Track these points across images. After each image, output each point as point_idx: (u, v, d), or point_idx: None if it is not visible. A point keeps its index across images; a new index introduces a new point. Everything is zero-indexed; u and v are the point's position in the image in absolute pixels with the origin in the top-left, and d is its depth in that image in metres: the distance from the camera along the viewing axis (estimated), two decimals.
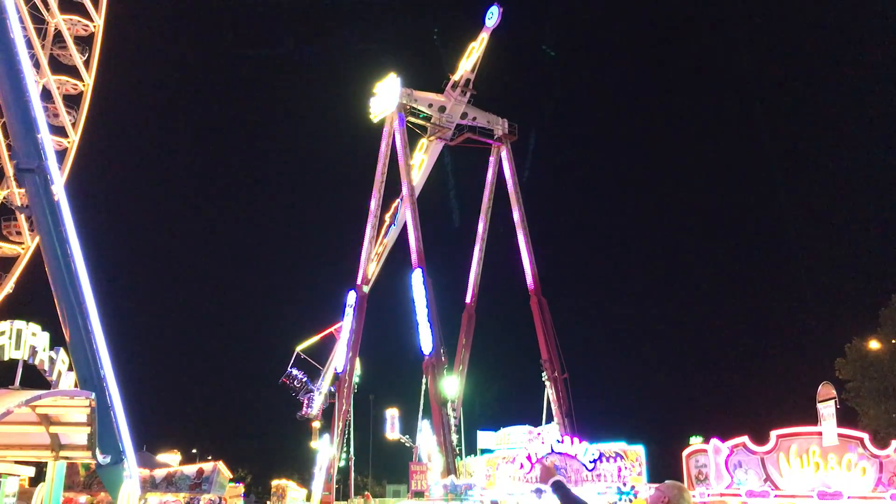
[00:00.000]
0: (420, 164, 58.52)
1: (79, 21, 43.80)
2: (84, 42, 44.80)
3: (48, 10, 41.72)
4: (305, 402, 60.45)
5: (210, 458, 46.63)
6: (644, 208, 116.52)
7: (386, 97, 57.12)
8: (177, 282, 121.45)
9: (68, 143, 45.09)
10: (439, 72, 58.40)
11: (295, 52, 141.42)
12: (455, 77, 57.34)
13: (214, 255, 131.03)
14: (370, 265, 58.71)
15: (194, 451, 68.32)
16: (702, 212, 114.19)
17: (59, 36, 43.63)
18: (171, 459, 39.98)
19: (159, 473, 30.11)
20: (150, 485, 28.53)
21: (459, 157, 60.00)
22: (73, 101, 44.77)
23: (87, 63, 44.74)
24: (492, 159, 60.59)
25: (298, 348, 60.23)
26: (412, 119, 57.21)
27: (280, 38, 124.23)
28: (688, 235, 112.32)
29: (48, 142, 23.35)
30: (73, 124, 44.47)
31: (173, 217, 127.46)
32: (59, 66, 44.10)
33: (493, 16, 56.75)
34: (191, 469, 31.02)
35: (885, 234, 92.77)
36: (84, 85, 44.61)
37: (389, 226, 57.84)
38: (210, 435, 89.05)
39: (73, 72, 44.45)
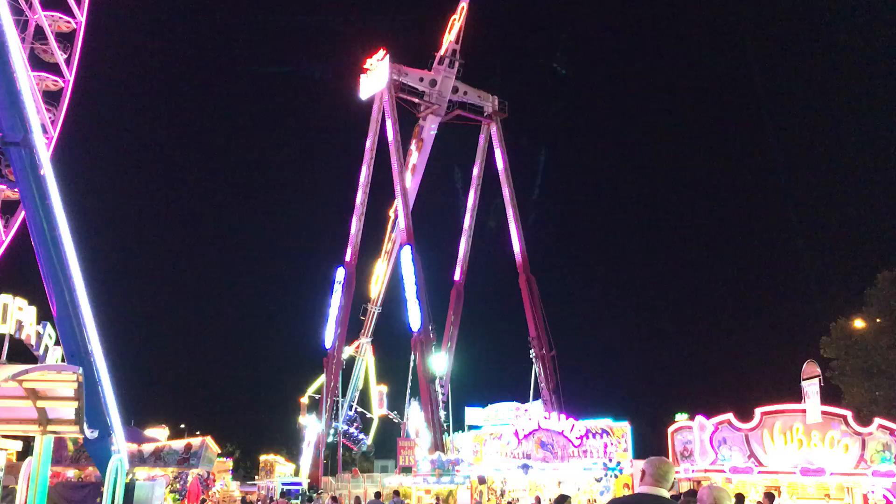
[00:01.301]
0: (419, 146, 58.12)
1: (60, 17, 43.25)
2: (66, 39, 44.29)
3: (30, 6, 41.11)
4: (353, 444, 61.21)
5: (198, 433, 46.64)
6: (632, 186, 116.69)
7: (375, 74, 56.78)
8: (164, 256, 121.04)
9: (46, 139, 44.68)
10: (427, 52, 58.18)
11: (283, 30, 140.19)
12: (441, 52, 57.16)
13: (202, 230, 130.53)
14: (377, 277, 58.82)
15: (182, 426, 68.36)
16: (689, 190, 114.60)
17: (40, 32, 43.10)
18: (159, 434, 39.97)
19: (147, 448, 30.14)
20: (137, 459, 28.57)
21: (449, 133, 59.80)
22: (53, 98, 44.35)
23: (68, 60, 44.25)
24: (482, 136, 60.48)
25: (348, 406, 59.96)
26: (403, 96, 56.92)
27: (267, 17, 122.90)
28: (675, 215, 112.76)
29: (34, 114, 23.11)
30: (53, 122, 44.12)
31: (160, 193, 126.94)
32: (39, 63, 43.61)
33: None
34: (179, 444, 31.06)
35: (871, 215, 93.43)
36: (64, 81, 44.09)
37: (396, 220, 57.14)
38: (198, 410, 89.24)
39: (54, 69, 44.02)
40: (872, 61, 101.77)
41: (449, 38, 57.15)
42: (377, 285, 59.03)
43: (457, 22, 56.98)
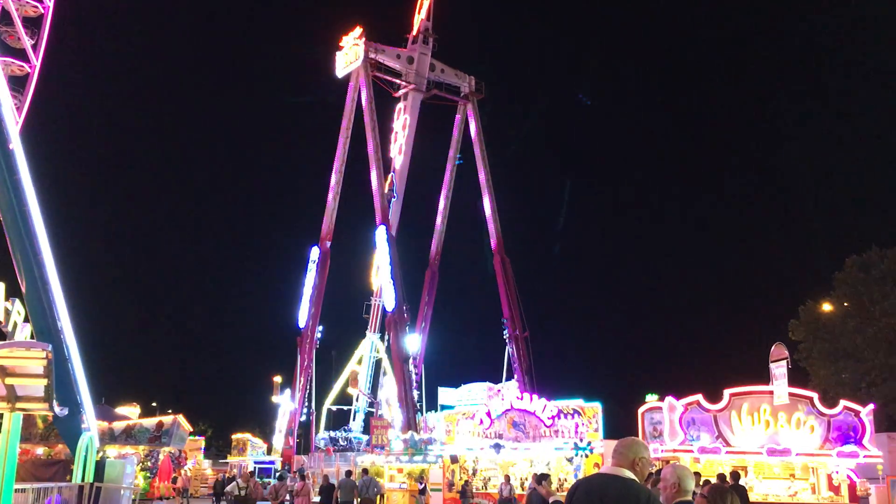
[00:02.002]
0: (403, 125, 57.52)
1: (28, 2, 42.34)
2: (33, 24, 43.37)
3: None
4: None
5: (170, 411, 46.48)
6: (607, 168, 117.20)
7: (352, 52, 56.35)
8: (137, 232, 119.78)
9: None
10: (403, 32, 57.98)
11: (258, 5, 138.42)
12: (414, 31, 57.10)
13: (176, 207, 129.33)
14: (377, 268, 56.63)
15: (154, 404, 68.15)
16: (663, 174, 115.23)
17: (6, 16, 42.19)
18: (130, 412, 39.75)
19: (118, 426, 29.91)
20: (108, 437, 28.36)
21: (426, 113, 59.57)
22: (19, 83, 43.49)
23: (35, 46, 43.37)
24: (458, 117, 60.37)
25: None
26: (380, 75, 56.58)
27: None
28: (646, 199, 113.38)
29: (3, 89, 22.63)
30: (18, 108, 43.35)
31: (133, 170, 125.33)
32: (5, 48, 42.71)
33: None
34: (150, 422, 30.87)
35: (841, 199, 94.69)
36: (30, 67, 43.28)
37: (390, 200, 56.07)
38: (171, 388, 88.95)
39: (20, 54, 43.18)
40: (824, 48, 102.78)
41: (420, 17, 57.02)
42: (378, 277, 56.31)
43: (424, 4, 57.00)
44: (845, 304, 47.62)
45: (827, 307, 48.24)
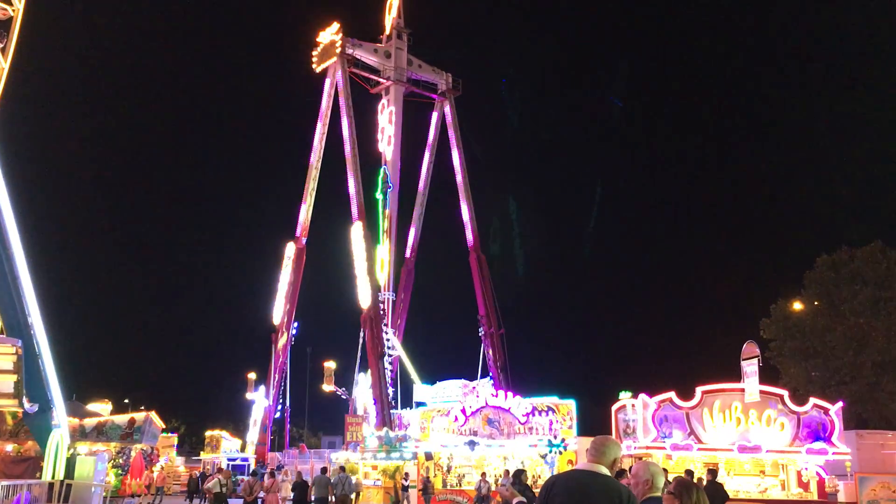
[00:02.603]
0: (389, 117, 57.05)
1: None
2: (2, 27, 42.68)
3: None
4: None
5: (143, 408, 46.10)
6: (582, 165, 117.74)
7: (329, 47, 56.14)
8: (109, 226, 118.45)
9: None
10: (378, 32, 57.97)
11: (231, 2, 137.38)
12: (387, 31, 57.20)
13: (149, 201, 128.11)
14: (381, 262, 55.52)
15: (126, 400, 67.51)
16: (637, 172, 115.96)
17: None
18: (102, 409, 39.41)
19: (89, 423, 29.74)
20: (79, 434, 28.18)
21: (402, 110, 59.37)
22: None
23: (3, 49, 42.72)
24: (435, 114, 60.38)
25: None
26: (358, 71, 56.38)
27: None
28: (622, 197, 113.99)
29: None
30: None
31: (106, 164, 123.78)
32: None
33: None
34: (122, 419, 30.73)
35: (812, 199, 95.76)
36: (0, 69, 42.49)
37: (386, 191, 55.30)
38: (143, 384, 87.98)
39: None
40: (793, 47, 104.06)
41: (391, 16, 57.11)
42: (383, 271, 55.12)
43: (394, 4, 57.13)
44: (815, 303, 48.27)
45: (798, 306, 48.87)
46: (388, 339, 52.78)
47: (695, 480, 12.44)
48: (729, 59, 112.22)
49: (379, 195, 54.91)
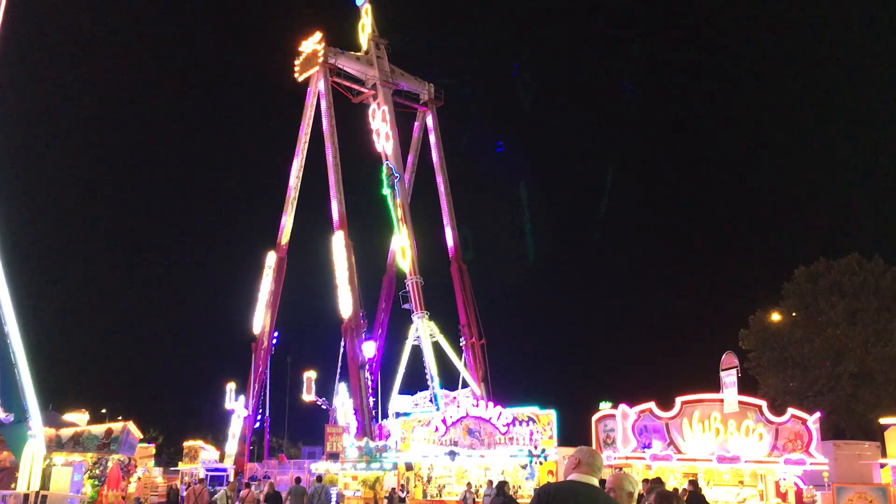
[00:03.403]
0: (384, 117, 56.60)
1: None
2: None
3: None
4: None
5: (120, 417, 45.58)
6: (564, 175, 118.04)
7: (311, 56, 56.19)
8: (86, 233, 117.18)
9: None
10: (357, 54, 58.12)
11: (218, 10, 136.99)
12: (365, 47, 57.31)
13: (128, 208, 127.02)
14: (402, 249, 54.01)
15: (104, 410, 66.78)
16: (619, 182, 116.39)
17: None
18: (78, 419, 38.95)
19: (66, 433, 29.35)
20: (55, 444, 27.79)
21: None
22: None
23: None
24: (417, 124, 60.49)
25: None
26: (341, 81, 56.36)
27: None
28: (600, 207, 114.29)
29: None
30: None
31: (85, 171, 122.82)
32: None
33: None
34: (99, 429, 30.35)
35: (790, 211, 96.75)
36: None
37: (393, 183, 54.53)
38: (121, 394, 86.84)
39: None
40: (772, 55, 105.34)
41: (366, 34, 57.23)
42: (405, 259, 52.79)
43: (366, 24, 57.31)
44: (794, 314, 48.72)
45: (776, 317, 49.31)
46: (416, 329, 50.67)
47: (670, 490, 12.52)
48: (701, 72, 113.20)
49: (386, 190, 54.33)
